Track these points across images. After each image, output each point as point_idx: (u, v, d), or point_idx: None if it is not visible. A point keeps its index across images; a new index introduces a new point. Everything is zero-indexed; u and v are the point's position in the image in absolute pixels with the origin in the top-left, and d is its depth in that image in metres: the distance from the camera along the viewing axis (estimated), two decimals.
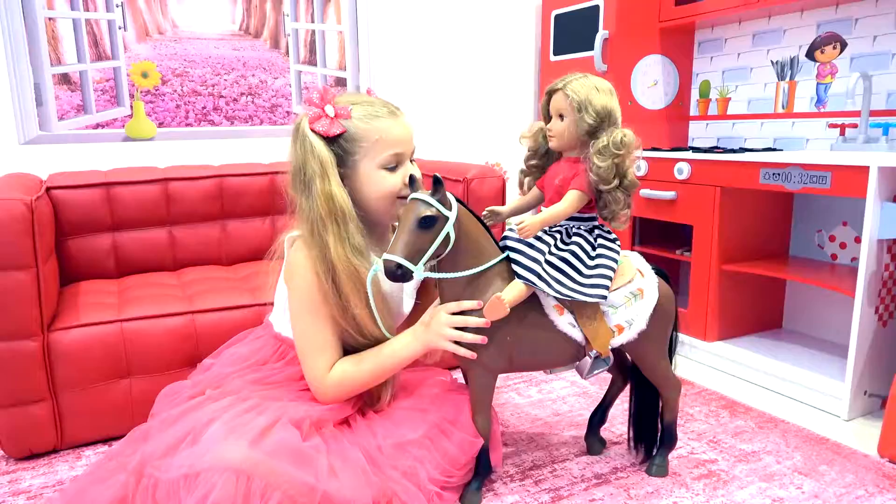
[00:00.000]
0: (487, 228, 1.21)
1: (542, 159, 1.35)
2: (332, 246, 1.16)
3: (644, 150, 2.51)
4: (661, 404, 1.44)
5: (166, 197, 2.10)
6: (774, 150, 2.31)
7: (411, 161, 1.29)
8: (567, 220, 1.25)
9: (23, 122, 2.13)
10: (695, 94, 2.74)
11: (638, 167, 2.43)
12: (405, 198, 1.20)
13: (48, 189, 1.94)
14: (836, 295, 2.16)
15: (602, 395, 1.59)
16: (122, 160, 2.28)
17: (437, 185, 1.10)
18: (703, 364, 2.25)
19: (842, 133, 2.12)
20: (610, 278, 1.21)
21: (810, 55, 2.26)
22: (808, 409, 1.89)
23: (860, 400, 1.82)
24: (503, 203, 2.12)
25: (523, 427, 1.74)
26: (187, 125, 2.38)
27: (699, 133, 2.74)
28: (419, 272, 1.09)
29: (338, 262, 1.16)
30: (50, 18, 2.13)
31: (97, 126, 2.25)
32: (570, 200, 1.20)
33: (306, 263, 1.18)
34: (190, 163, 2.33)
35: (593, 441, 1.56)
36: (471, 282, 1.18)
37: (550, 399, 1.92)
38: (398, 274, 1.07)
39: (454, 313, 1.19)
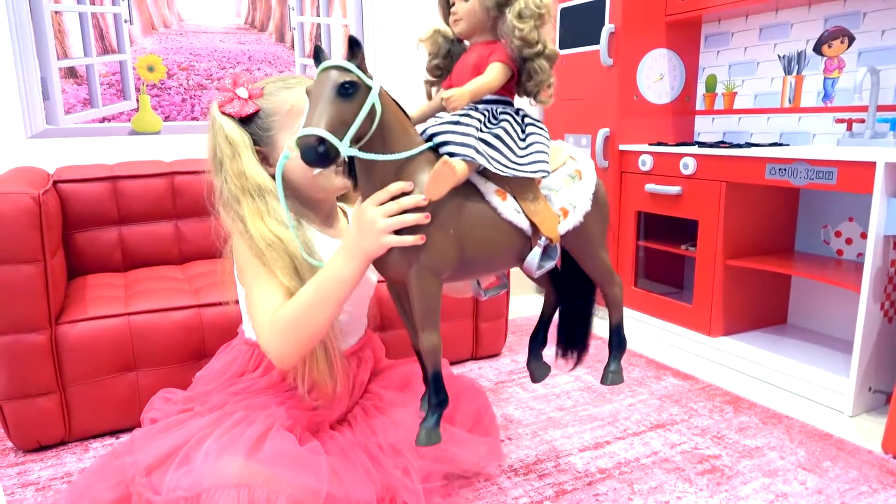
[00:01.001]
0: (406, 113, 1.06)
1: (444, 59, 1.20)
2: (248, 221, 1.12)
3: (649, 144, 2.51)
4: (606, 305, 1.30)
5: (172, 190, 2.11)
6: (781, 145, 2.30)
7: None
8: (487, 103, 1.11)
9: (29, 115, 2.14)
10: (701, 89, 2.73)
11: (643, 162, 2.43)
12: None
13: (55, 183, 1.95)
14: (842, 291, 2.16)
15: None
16: (128, 154, 2.28)
17: (354, 47, 0.92)
18: (708, 359, 2.25)
19: (849, 128, 2.11)
20: (546, 154, 1.10)
21: (818, 49, 2.24)
22: (812, 404, 1.89)
23: (865, 396, 1.82)
24: None
25: (527, 421, 1.74)
26: (193, 119, 2.38)
27: (705, 128, 2.73)
28: (345, 148, 0.90)
29: (257, 237, 1.11)
30: (56, 12, 2.13)
31: (103, 120, 2.25)
32: (495, 70, 1.07)
33: (237, 242, 1.17)
34: (196, 156, 2.33)
35: (536, 366, 1.38)
36: (398, 171, 1.00)
37: (554, 394, 1.93)
38: (320, 152, 0.87)
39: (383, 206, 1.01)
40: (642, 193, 2.46)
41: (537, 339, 1.38)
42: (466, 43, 1.16)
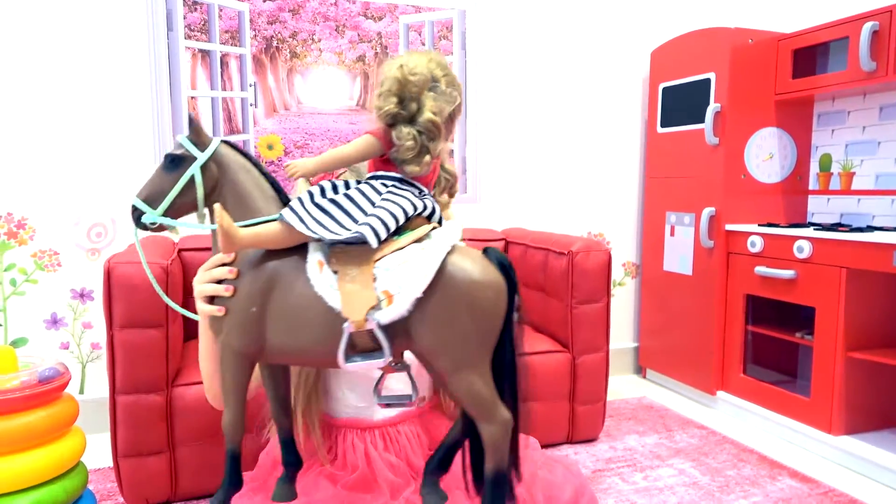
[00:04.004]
0: (278, 188, 1.03)
1: None
2: None
3: (759, 225, 2.41)
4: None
5: None
6: None
7: None
8: (374, 179, 1.03)
9: None
10: (814, 168, 2.62)
11: (752, 243, 2.33)
12: None
13: (179, 251, 2.10)
14: None
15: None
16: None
17: (189, 124, 1.00)
18: (829, 460, 2.06)
19: None
20: (385, 223, 0.93)
21: None
22: None
23: None
24: (609, 277, 2.08)
25: None
26: None
27: (819, 208, 2.60)
28: (154, 216, 0.98)
29: None
30: (192, 97, 2.35)
31: None
32: (356, 141, 1.01)
33: None
34: None
35: (428, 492, 1.09)
36: None
37: (657, 487, 1.81)
38: (134, 218, 0.99)
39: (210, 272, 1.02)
40: (751, 276, 2.35)
41: (433, 464, 1.08)
42: None
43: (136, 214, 0.98)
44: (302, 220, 0.93)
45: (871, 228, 2.15)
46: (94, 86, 2.25)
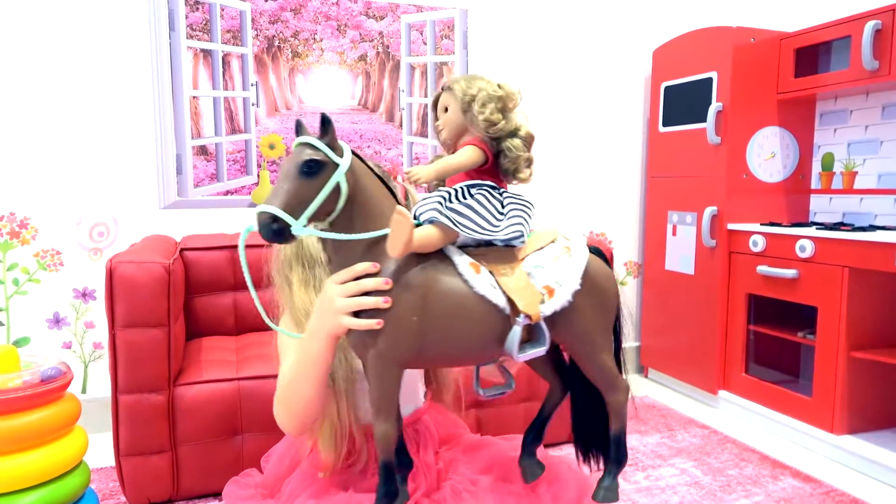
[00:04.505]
0: (392, 191, 1.02)
1: None
2: (295, 287, 1.17)
3: (761, 224, 2.40)
4: (608, 410, 1.12)
5: None
6: None
7: None
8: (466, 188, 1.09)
9: (164, 189, 2.34)
10: (816, 167, 2.61)
11: (755, 243, 2.33)
12: None
13: (181, 251, 2.11)
14: None
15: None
16: (247, 224, 2.44)
17: (325, 125, 0.91)
18: (831, 459, 2.06)
19: None
20: (526, 222, 1.05)
21: None
22: None
23: None
24: None
25: None
26: None
27: (822, 207, 2.59)
28: (300, 228, 0.89)
29: (298, 304, 1.17)
30: (194, 97, 2.36)
31: (227, 193, 2.43)
32: (465, 151, 1.07)
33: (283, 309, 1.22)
34: None
35: (528, 464, 1.19)
36: (368, 250, 0.96)
37: (659, 487, 1.81)
38: (274, 230, 0.87)
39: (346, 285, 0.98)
40: (753, 275, 2.35)
41: (531, 435, 1.20)
42: None
43: (277, 226, 0.87)
44: (454, 223, 0.98)
45: (873, 228, 2.14)
46: (96, 85, 2.25)
